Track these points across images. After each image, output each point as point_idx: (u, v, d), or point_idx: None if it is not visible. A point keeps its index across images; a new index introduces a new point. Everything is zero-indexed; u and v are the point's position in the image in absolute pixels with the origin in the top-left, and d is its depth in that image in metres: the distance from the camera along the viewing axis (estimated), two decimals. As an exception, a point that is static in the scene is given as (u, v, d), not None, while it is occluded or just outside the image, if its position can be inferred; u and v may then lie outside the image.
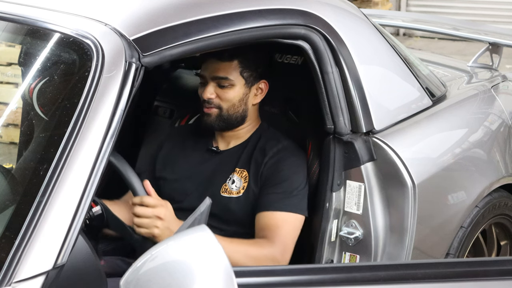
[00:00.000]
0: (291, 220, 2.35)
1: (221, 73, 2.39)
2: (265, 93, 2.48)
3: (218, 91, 2.40)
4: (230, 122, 2.43)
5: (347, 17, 2.48)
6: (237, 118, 2.44)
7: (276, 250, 2.29)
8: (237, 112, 2.42)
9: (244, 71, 2.40)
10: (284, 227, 2.33)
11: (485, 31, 3.73)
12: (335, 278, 1.67)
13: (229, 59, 2.38)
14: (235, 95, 2.40)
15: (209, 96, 2.39)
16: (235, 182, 2.42)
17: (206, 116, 2.42)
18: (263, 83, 2.46)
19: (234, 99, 2.41)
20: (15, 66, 4.65)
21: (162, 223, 2.10)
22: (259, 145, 2.46)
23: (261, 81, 2.45)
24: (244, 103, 2.43)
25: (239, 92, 2.41)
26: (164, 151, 2.57)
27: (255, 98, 2.47)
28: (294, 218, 2.36)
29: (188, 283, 1.39)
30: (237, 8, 2.14)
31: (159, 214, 2.10)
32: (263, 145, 2.45)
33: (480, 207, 2.76)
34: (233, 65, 2.39)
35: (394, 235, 2.39)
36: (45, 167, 1.67)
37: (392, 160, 2.37)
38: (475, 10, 8.90)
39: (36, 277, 1.57)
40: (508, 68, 6.60)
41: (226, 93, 2.39)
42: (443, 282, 1.70)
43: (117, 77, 1.79)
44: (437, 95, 2.76)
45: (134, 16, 1.96)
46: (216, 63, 2.39)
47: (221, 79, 2.39)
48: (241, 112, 2.44)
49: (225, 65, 2.39)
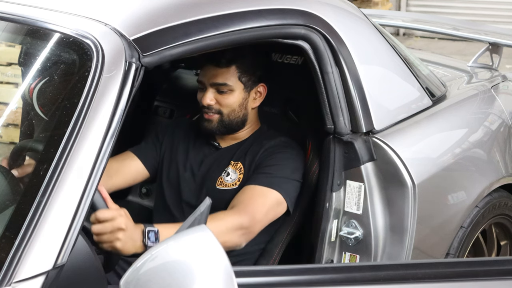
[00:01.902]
0: (268, 196, 2.32)
1: (220, 79, 2.39)
2: (264, 96, 2.49)
3: (218, 97, 2.41)
4: (231, 127, 2.45)
5: (347, 17, 2.48)
6: (237, 123, 2.45)
7: (244, 218, 2.23)
8: (238, 117, 2.44)
9: (243, 76, 2.41)
10: (258, 200, 2.30)
11: (485, 31, 3.73)
12: (335, 278, 1.67)
13: (227, 65, 2.39)
14: (234, 100, 2.41)
15: (208, 102, 2.40)
16: (230, 174, 2.43)
17: (207, 122, 2.43)
18: (262, 87, 2.47)
19: (234, 105, 2.41)
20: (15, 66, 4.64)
21: (123, 234, 1.92)
22: (257, 141, 2.47)
23: (259, 85, 2.46)
24: (244, 107, 2.44)
25: (238, 97, 2.42)
26: (166, 141, 2.57)
27: (254, 102, 2.48)
28: (272, 195, 2.32)
29: (188, 283, 1.39)
30: (237, 8, 2.14)
31: (120, 225, 1.92)
32: (260, 141, 2.47)
33: (480, 207, 2.76)
34: (231, 71, 2.40)
35: (394, 235, 2.39)
36: (45, 167, 1.67)
37: (392, 160, 2.37)
38: (475, 10, 8.90)
39: (36, 277, 1.57)
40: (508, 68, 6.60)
41: (225, 98, 2.40)
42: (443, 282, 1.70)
43: (117, 77, 1.79)
44: (437, 95, 2.76)
45: (134, 16, 1.96)
46: (214, 70, 2.40)
47: (220, 85, 2.40)
48: (242, 117, 2.45)
49: (223, 71, 2.39)
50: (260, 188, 2.33)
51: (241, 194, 2.34)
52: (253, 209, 2.27)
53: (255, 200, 2.30)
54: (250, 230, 2.26)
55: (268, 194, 2.33)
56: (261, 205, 2.30)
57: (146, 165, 2.54)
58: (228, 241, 2.17)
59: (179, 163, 2.52)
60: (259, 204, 2.30)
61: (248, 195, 2.32)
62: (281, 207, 2.36)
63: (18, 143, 2.27)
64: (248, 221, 2.24)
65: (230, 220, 2.22)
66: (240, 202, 2.30)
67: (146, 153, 2.55)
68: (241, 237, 2.23)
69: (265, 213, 2.31)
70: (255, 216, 2.27)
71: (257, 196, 2.31)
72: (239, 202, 2.31)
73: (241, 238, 2.23)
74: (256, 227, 2.28)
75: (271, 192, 2.33)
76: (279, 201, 2.35)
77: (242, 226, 2.23)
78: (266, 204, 2.31)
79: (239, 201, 2.31)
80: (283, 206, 2.36)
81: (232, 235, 2.20)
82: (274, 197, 2.34)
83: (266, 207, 2.31)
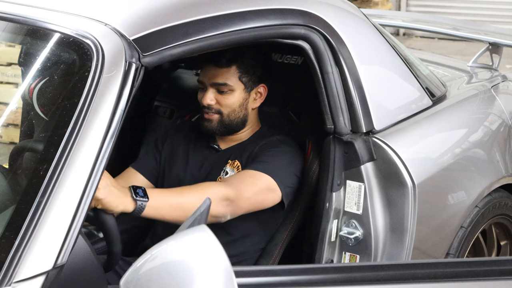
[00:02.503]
0: (260, 178, 2.30)
1: (220, 79, 2.39)
2: (264, 97, 2.49)
3: (218, 97, 2.41)
4: (231, 127, 2.45)
5: (347, 17, 2.48)
6: (238, 123, 2.45)
7: (229, 190, 2.22)
8: (238, 117, 2.43)
9: (243, 76, 2.41)
10: (248, 179, 2.29)
11: (485, 31, 3.73)
12: (335, 278, 1.67)
13: (227, 65, 2.39)
14: (234, 101, 2.41)
15: (208, 102, 2.40)
16: (228, 173, 2.43)
17: (207, 122, 2.43)
18: (262, 87, 2.47)
19: (234, 105, 2.41)
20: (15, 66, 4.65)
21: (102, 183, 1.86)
22: (256, 141, 2.47)
23: (260, 85, 2.46)
24: (244, 108, 2.44)
25: (239, 97, 2.42)
26: (167, 146, 2.57)
27: (255, 102, 2.48)
28: (264, 178, 2.31)
29: (188, 283, 1.39)
30: (237, 8, 2.14)
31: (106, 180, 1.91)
32: (259, 141, 2.46)
33: (480, 207, 2.76)
34: (231, 71, 2.40)
35: (394, 235, 2.39)
36: (45, 167, 1.67)
37: (392, 160, 2.37)
38: (475, 10, 8.89)
39: (36, 277, 1.57)
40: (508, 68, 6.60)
41: (226, 98, 2.40)
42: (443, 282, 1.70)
43: (117, 77, 1.79)
44: (437, 95, 2.76)
45: (134, 16, 1.96)
46: (214, 70, 2.40)
47: (220, 85, 2.40)
48: (242, 117, 2.45)
49: (223, 71, 2.39)
50: (253, 172, 2.32)
51: (233, 175, 2.34)
52: (240, 185, 2.26)
53: (245, 179, 2.29)
54: (235, 203, 2.23)
55: (260, 177, 2.31)
56: (250, 184, 2.29)
57: (149, 178, 2.53)
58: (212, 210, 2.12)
59: (180, 167, 2.52)
60: (248, 182, 2.29)
61: (239, 176, 2.32)
62: (273, 194, 2.33)
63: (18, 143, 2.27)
64: (234, 194, 2.22)
65: (216, 189, 2.21)
66: (230, 179, 2.31)
67: (146, 167, 2.54)
68: (226, 207, 2.21)
69: (254, 193, 2.29)
70: (242, 192, 2.25)
71: (248, 176, 2.31)
72: (230, 178, 2.31)
73: (226, 209, 2.21)
74: (242, 202, 2.25)
75: (264, 176, 2.31)
76: (271, 186, 2.32)
77: (227, 197, 2.20)
78: (256, 184, 2.30)
79: (229, 179, 2.31)
80: (276, 194, 2.33)
81: (217, 204, 2.16)
82: (266, 181, 2.31)
83: (255, 188, 2.29)
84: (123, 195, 1.98)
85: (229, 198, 2.21)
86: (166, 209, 2.10)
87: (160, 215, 2.09)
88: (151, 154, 2.58)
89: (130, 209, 1.99)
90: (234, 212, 2.25)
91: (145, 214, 2.04)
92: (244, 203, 2.27)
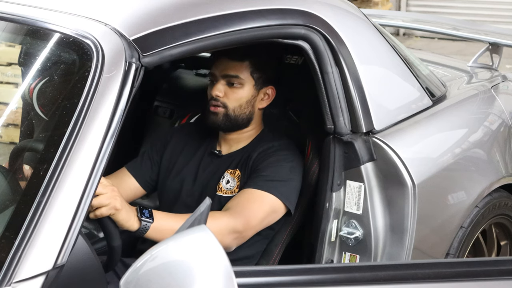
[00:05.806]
0: (265, 201, 2.31)
1: (232, 71, 2.39)
2: (271, 99, 2.49)
3: (227, 89, 2.41)
4: (236, 123, 2.44)
5: (347, 17, 2.48)
6: (243, 120, 2.44)
7: (238, 221, 2.23)
8: (244, 113, 2.43)
9: (255, 72, 2.42)
10: (255, 204, 2.29)
11: (485, 31, 3.73)
12: (335, 278, 1.67)
13: (241, 59, 2.40)
14: (243, 95, 2.41)
15: (217, 94, 2.40)
16: (229, 182, 2.42)
17: (213, 115, 2.42)
18: (271, 89, 2.47)
19: (241, 99, 2.41)
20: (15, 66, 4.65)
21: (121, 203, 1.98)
22: (256, 148, 2.46)
23: (269, 87, 2.46)
24: (251, 105, 2.44)
25: (247, 93, 2.42)
26: (166, 151, 2.57)
27: (262, 102, 2.47)
28: (269, 200, 2.32)
29: (188, 283, 1.39)
30: (237, 8, 2.14)
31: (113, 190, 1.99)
32: (258, 147, 2.46)
33: (480, 207, 2.75)
34: (244, 65, 2.40)
35: (394, 235, 2.39)
36: (45, 167, 1.67)
37: (392, 160, 2.37)
38: (475, 10, 8.90)
39: (36, 277, 1.57)
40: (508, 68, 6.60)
41: (234, 92, 2.40)
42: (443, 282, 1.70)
43: (117, 77, 1.79)
44: (437, 95, 2.76)
45: (134, 16, 1.96)
46: (227, 62, 2.40)
47: (231, 77, 2.40)
48: (248, 114, 2.44)
49: (236, 64, 2.40)
50: (258, 193, 2.32)
51: (239, 196, 2.34)
52: (248, 214, 2.27)
53: (252, 205, 2.29)
54: (243, 235, 2.27)
55: (265, 199, 2.32)
56: (257, 210, 2.29)
57: (141, 183, 2.53)
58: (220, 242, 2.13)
59: (180, 171, 2.51)
60: (255, 209, 2.29)
61: (245, 198, 2.31)
62: (277, 213, 2.35)
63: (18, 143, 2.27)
64: (242, 226, 2.24)
65: (225, 221, 2.22)
66: (237, 204, 2.30)
67: (140, 172, 2.54)
68: (233, 240, 2.25)
69: (261, 219, 2.31)
70: (250, 222, 2.27)
71: (254, 200, 2.31)
72: (236, 204, 2.30)
73: (232, 242, 2.25)
74: (249, 232, 2.29)
75: (269, 196, 2.32)
76: (276, 207, 2.34)
77: (236, 230, 2.23)
78: (262, 209, 2.31)
79: (236, 203, 2.31)
80: (280, 212, 2.36)
81: (225, 237, 2.20)
82: (271, 203, 2.32)
83: (262, 213, 2.31)
84: (131, 212, 2.04)
85: (237, 231, 2.24)
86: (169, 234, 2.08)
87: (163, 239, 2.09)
88: (147, 159, 2.57)
89: (134, 228, 2.04)
90: (240, 242, 2.28)
91: (148, 235, 2.08)
92: (251, 232, 2.30)
